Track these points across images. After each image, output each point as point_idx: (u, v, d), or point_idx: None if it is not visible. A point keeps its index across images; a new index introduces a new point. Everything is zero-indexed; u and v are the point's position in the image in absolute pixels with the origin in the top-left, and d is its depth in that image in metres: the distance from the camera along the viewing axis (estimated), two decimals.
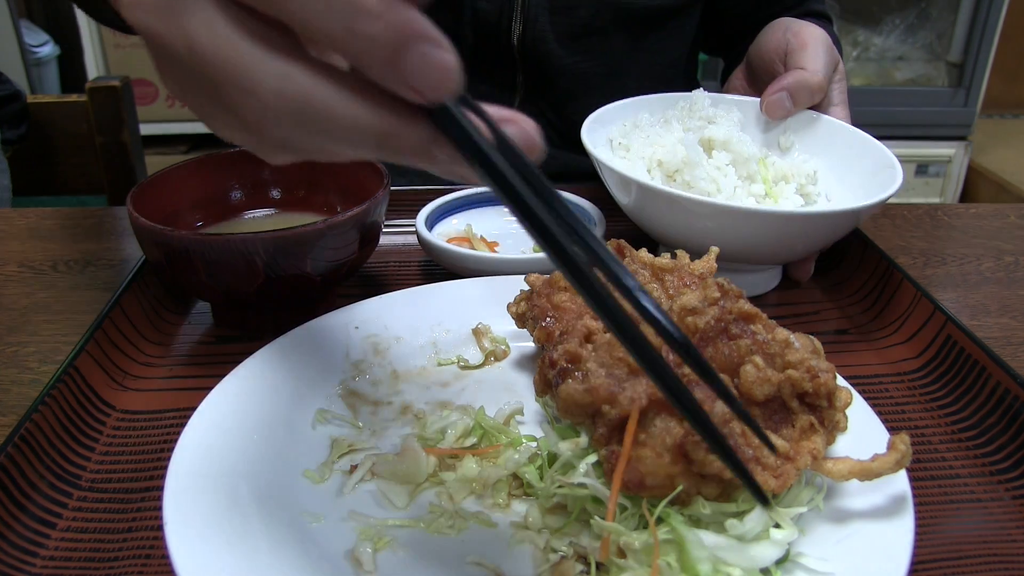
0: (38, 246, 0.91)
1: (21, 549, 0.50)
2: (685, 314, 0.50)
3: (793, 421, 0.49)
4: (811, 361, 0.48)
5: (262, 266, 0.65)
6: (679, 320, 0.50)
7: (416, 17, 0.31)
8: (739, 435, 0.47)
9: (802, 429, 0.48)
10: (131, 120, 1.32)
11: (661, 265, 0.64)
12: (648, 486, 0.46)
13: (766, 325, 0.51)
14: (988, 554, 0.52)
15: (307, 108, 0.32)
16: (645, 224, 0.79)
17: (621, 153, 0.85)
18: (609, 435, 0.47)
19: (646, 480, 0.46)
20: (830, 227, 0.73)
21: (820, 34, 0.93)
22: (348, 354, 0.65)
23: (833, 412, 0.49)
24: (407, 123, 0.33)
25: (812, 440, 0.48)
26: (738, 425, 0.46)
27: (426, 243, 0.82)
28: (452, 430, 0.57)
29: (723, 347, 0.49)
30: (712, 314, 0.49)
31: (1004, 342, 0.75)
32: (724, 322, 0.49)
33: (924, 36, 2.98)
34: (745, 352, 0.49)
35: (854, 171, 0.85)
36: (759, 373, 0.48)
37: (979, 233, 0.98)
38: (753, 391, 0.48)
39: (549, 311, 0.61)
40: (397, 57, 0.31)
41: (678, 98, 0.91)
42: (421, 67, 0.31)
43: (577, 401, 0.47)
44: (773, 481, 0.46)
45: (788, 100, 0.88)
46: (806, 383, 0.48)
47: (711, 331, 0.49)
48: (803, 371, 0.48)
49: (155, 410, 0.64)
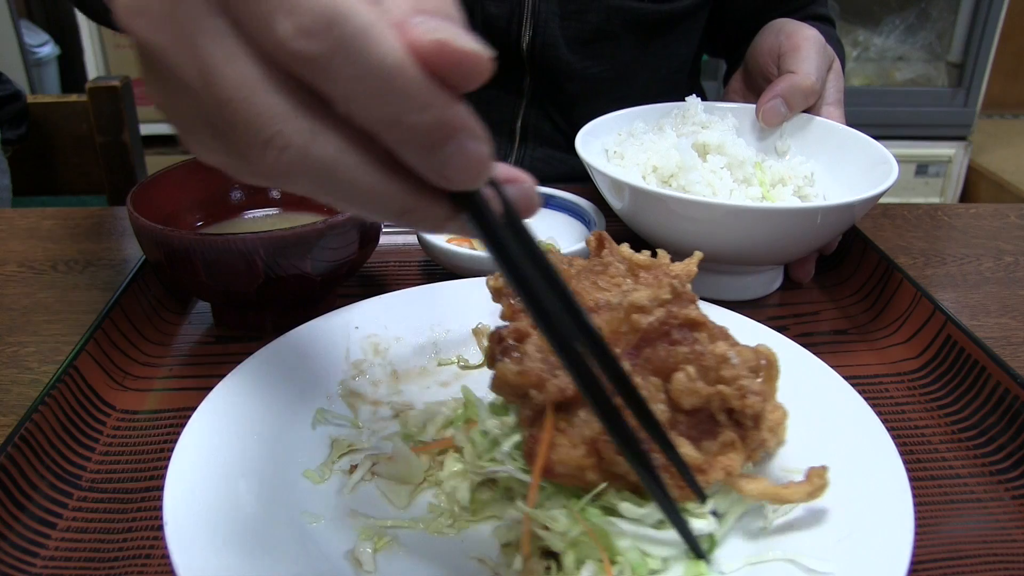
0: (38, 246, 0.91)
1: (21, 549, 0.50)
2: (632, 311, 0.49)
3: (716, 434, 0.49)
4: (744, 381, 0.48)
5: (262, 266, 0.65)
6: (626, 316, 0.50)
7: (462, 111, 0.30)
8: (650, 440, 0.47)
9: (723, 444, 0.49)
10: (131, 120, 1.32)
11: (639, 262, 0.64)
12: (557, 474, 0.47)
13: (711, 335, 0.50)
14: (988, 554, 0.52)
15: (331, 175, 0.30)
16: (640, 228, 0.79)
17: (616, 161, 0.85)
18: (533, 418, 0.48)
19: (556, 468, 0.47)
20: (826, 222, 0.72)
21: (812, 35, 0.93)
22: (348, 354, 0.65)
23: (757, 432, 0.49)
24: (429, 201, 0.32)
25: (729, 456, 0.48)
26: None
27: (426, 243, 0.82)
28: (432, 424, 0.58)
29: (661, 350, 0.49)
30: (657, 316, 0.49)
31: (1004, 342, 0.75)
32: (668, 326, 0.49)
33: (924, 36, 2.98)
34: (681, 360, 0.48)
35: (850, 170, 0.84)
36: (689, 383, 0.48)
37: (979, 233, 0.98)
38: (681, 399, 0.48)
39: None
40: (437, 148, 0.30)
41: (672, 107, 0.92)
42: (458, 160, 0.30)
43: (508, 381, 0.48)
44: (677, 491, 0.47)
45: (783, 106, 0.88)
46: (735, 401, 0.48)
47: (653, 333, 0.49)
48: (734, 388, 0.48)
49: (155, 410, 0.64)
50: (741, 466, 0.49)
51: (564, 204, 0.92)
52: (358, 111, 0.29)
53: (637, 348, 0.49)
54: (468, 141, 0.30)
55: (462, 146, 0.30)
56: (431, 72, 0.29)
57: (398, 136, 0.30)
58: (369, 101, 0.29)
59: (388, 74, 0.28)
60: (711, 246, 0.74)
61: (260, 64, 0.29)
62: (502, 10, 1.02)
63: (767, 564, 0.47)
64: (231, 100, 0.29)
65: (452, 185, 0.31)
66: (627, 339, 0.49)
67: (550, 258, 0.36)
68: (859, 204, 0.71)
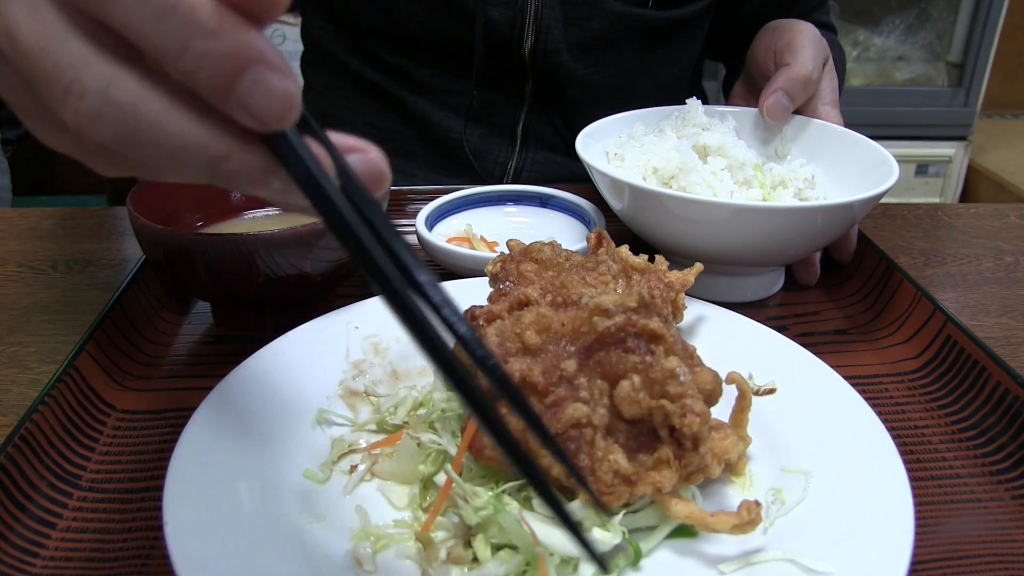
0: (38, 246, 0.91)
1: (21, 549, 0.50)
2: (595, 312, 0.50)
3: (655, 448, 0.49)
4: (688, 400, 0.47)
5: (262, 266, 0.65)
6: (588, 316, 0.50)
7: (255, 39, 0.29)
8: (585, 442, 0.48)
9: (657, 459, 0.48)
10: None
11: (634, 264, 0.64)
12: (487, 456, 0.49)
13: (668, 349, 0.50)
14: (988, 554, 0.52)
15: (134, 118, 0.30)
16: (640, 229, 0.79)
17: (617, 163, 0.85)
18: None
19: (485, 450, 0.49)
20: (827, 222, 0.72)
21: (806, 28, 0.93)
22: (348, 354, 0.65)
23: (695, 455, 0.48)
24: (242, 148, 0.31)
25: (662, 473, 0.48)
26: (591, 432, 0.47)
27: (426, 243, 0.82)
28: (402, 406, 0.58)
29: (613, 355, 0.49)
30: (615, 322, 0.49)
31: (1004, 342, 0.76)
32: (625, 333, 0.49)
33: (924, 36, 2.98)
34: (630, 368, 0.48)
35: (851, 172, 0.85)
36: (632, 393, 0.48)
37: (979, 233, 0.98)
38: (622, 407, 0.48)
39: (512, 276, 0.62)
40: (233, 81, 0.29)
41: (672, 110, 0.92)
42: (259, 94, 0.29)
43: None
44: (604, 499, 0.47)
45: (785, 98, 0.88)
46: (675, 418, 0.47)
47: (609, 337, 0.49)
48: (676, 406, 0.47)
49: (155, 410, 0.64)
50: (671, 485, 0.48)
51: (564, 204, 0.92)
52: (144, 41, 0.28)
53: (589, 349, 0.50)
54: (266, 72, 0.29)
55: (260, 78, 0.29)
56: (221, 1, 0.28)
57: (189, 67, 0.28)
58: (152, 28, 0.28)
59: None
60: (711, 247, 0.74)
61: (61, 13, 0.29)
62: (504, 16, 1.02)
63: (767, 564, 0.47)
64: (30, 52, 0.29)
65: (258, 123, 0.30)
66: (584, 339, 0.50)
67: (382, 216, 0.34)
68: (859, 204, 0.71)
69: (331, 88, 1.18)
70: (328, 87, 1.19)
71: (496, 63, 1.05)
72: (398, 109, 1.13)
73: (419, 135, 1.14)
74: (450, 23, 1.02)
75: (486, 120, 1.11)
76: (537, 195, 0.94)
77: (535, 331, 0.50)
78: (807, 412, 0.58)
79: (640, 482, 0.48)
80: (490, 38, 1.03)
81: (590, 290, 0.61)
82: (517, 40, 1.04)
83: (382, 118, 1.15)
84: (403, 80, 1.11)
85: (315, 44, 1.20)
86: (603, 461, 0.48)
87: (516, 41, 1.04)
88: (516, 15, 1.02)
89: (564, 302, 0.55)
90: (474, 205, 0.93)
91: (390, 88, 1.12)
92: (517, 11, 1.02)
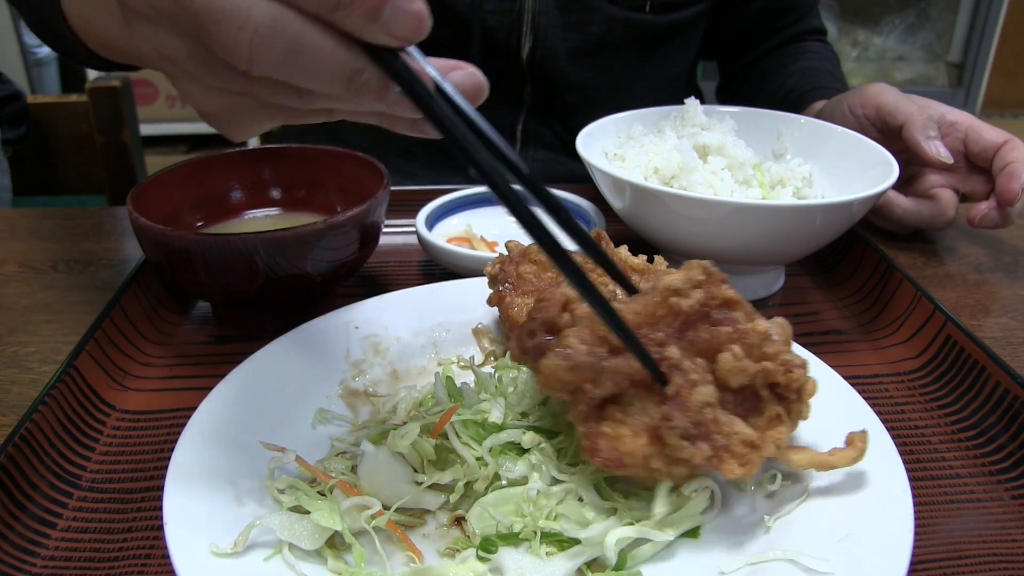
0: (38, 246, 0.91)
1: (21, 549, 0.50)
2: (669, 294, 0.50)
3: (762, 409, 0.50)
4: (786, 355, 0.49)
5: (262, 266, 0.65)
6: (663, 300, 0.50)
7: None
8: (712, 421, 0.48)
9: (769, 419, 0.50)
10: (131, 120, 1.32)
11: (633, 265, 0.65)
12: (627, 465, 0.48)
13: (747, 313, 0.51)
14: (988, 554, 0.52)
15: (296, 43, 0.37)
16: (641, 228, 0.79)
17: (617, 163, 0.85)
18: (588, 414, 0.48)
19: (625, 460, 0.47)
20: (826, 221, 0.72)
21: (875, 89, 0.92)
22: (348, 354, 0.65)
23: (800, 404, 0.51)
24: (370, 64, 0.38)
25: (778, 430, 0.49)
26: (711, 412, 0.48)
27: (426, 243, 0.82)
28: (402, 405, 0.58)
29: (704, 332, 0.49)
30: (696, 298, 0.49)
31: (1004, 342, 0.75)
32: (708, 307, 0.50)
33: (924, 36, 2.99)
34: (725, 340, 0.49)
35: (850, 171, 0.85)
36: (736, 363, 0.48)
37: (979, 233, 0.98)
38: (729, 379, 0.49)
39: (511, 278, 0.63)
40: (377, 13, 0.36)
41: (671, 110, 0.92)
42: (399, 17, 0.36)
43: (560, 378, 0.48)
44: (739, 469, 0.47)
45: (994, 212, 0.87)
46: (779, 376, 0.49)
47: (694, 315, 0.49)
48: (778, 364, 0.49)
49: (155, 410, 0.64)
50: (787, 439, 0.50)
51: (564, 204, 0.92)
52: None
53: (680, 332, 0.49)
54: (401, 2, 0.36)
55: (398, 4, 0.36)
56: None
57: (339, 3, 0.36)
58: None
59: None
60: (712, 246, 0.74)
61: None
62: (501, 23, 1.02)
63: (767, 564, 0.47)
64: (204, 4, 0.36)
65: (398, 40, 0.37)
66: (668, 322, 0.50)
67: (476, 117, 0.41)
68: (858, 203, 0.71)
69: None
70: None
71: (494, 69, 1.06)
72: None
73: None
74: (447, 31, 1.03)
75: None
76: None
77: None
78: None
79: (763, 444, 0.49)
80: (488, 45, 1.03)
81: None
82: (515, 46, 1.04)
83: None
84: None
85: None
86: (731, 435, 0.48)
87: (514, 47, 1.04)
88: (513, 22, 1.03)
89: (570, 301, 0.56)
90: (474, 205, 0.93)
91: None
92: (514, 18, 1.02)
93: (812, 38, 1.22)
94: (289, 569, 0.46)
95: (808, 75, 1.13)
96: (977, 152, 0.88)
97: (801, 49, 1.20)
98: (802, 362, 0.50)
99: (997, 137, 0.87)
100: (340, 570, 0.47)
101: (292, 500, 0.50)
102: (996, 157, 0.87)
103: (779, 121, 0.92)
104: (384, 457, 0.51)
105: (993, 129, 0.89)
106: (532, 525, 0.49)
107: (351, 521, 0.48)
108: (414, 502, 0.51)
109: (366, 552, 0.48)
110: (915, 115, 0.87)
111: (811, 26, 1.22)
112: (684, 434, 0.46)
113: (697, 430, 0.47)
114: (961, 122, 0.90)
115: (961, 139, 0.89)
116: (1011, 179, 0.84)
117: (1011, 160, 0.85)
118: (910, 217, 0.90)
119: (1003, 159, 0.86)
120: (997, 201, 0.86)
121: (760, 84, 1.21)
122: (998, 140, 0.87)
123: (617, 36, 1.06)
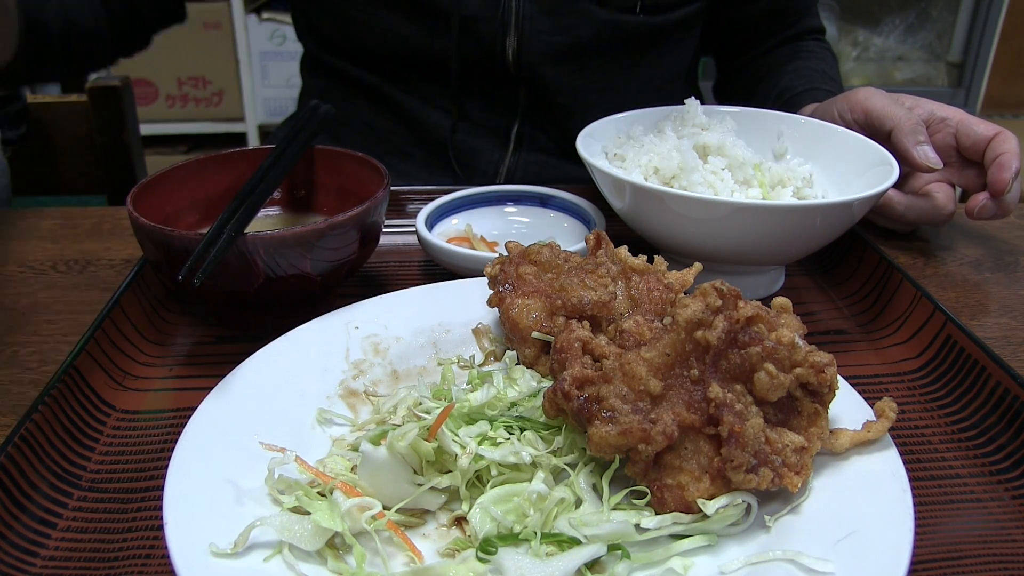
0: (38, 246, 0.91)
1: (21, 549, 0.50)
2: (692, 328, 0.50)
3: (800, 409, 0.52)
4: (814, 356, 0.51)
5: (262, 266, 0.65)
6: (688, 335, 0.50)
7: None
8: (764, 443, 0.49)
9: (809, 416, 0.52)
10: (131, 120, 1.32)
11: (632, 265, 0.65)
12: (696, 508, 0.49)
13: (768, 324, 0.52)
14: (988, 554, 0.52)
15: None
16: (641, 228, 0.79)
17: (617, 163, 0.85)
18: (646, 468, 0.50)
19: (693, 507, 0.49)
20: (826, 221, 0.72)
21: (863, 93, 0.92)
22: (348, 354, 0.65)
23: (833, 395, 0.53)
24: None
25: (819, 425, 0.52)
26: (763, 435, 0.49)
27: (426, 243, 0.82)
28: (402, 406, 0.58)
29: (735, 357, 0.51)
30: (721, 327, 0.50)
31: (1004, 342, 0.75)
32: (733, 332, 0.50)
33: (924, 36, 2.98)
34: (756, 360, 0.50)
35: (850, 171, 0.85)
36: (772, 380, 0.50)
37: (979, 233, 0.98)
38: (767, 395, 0.50)
39: (511, 279, 0.63)
40: None
41: (670, 110, 0.92)
42: None
43: (611, 444, 0.49)
44: (796, 478, 0.49)
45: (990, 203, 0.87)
46: (812, 378, 0.51)
47: (722, 344, 0.50)
48: (808, 367, 0.51)
49: (155, 410, 0.64)
50: (828, 431, 0.52)
51: (564, 204, 0.92)
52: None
53: (714, 364, 0.50)
54: None
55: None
56: None
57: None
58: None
59: None
60: (712, 245, 0.74)
61: None
62: (485, 30, 1.03)
63: (767, 564, 0.47)
64: None
65: None
66: (698, 356, 0.51)
67: None
68: (858, 203, 0.71)
69: (329, 91, 1.19)
70: (327, 89, 1.20)
71: (484, 75, 1.06)
72: (393, 111, 1.14)
73: (414, 136, 1.15)
74: (432, 40, 1.04)
75: (479, 124, 1.12)
76: (537, 195, 0.94)
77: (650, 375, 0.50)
78: None
79: (810, 443, 0.51)
80: (475, 50, 1.04)
81: (589, 292, 0.61)
82: (500, 52, 1.04)
83: (379, 120, 1.16)
84: (395, 84, 1.12)
85: (311, 49, 1.21)
86: (784, 451, 0.50)
87: (499, 54, 1.04)
88: (497, 29, 1.03)
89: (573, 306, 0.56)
90: (474, 205, 0.93)
91: (384, 91, 1.13)
92: (497, 25, 1.02)
93: (810, 38, 1.22)
94: (289, 569, 0.46)
95: (802, 75, 1.13)
96: (969, 146, 0.89)
97: (798, 49, 1.20)
98: (830, 359, 0.52)
99: (987, 130, 0.88)
100: (340, 570, 0.47)
101: (292, 501, 0.50)
102: (987, 150, 0.87)
103: (779, 121, 0.92)
104: (384, 458, 0.51)
105: (983, 123, 0.89)
106: (532, 526, 0.49)
107: (351, 522, 0.48)
108: (414, 503, 0.51)
109: (366, 553, 0.48)
110: (903, 121, 0.86)
111: (810, 26, 1.22)
112: (747, 468, 0.48)
113: (756, 459, 0.49)
114: (951, 117, 0.90)
115: (952, 134, 0.90)
116: (1001, 169, 0.85)
117: (1002, 152, 0.86)
118: (911, 213, 0.90)
119: (994, 151, 0.86)
120: (990, 192, 0.86)
121: (755, 83, 1.21)
122: (989, 133, 0.87)
123: (608, 39, 1.06)
